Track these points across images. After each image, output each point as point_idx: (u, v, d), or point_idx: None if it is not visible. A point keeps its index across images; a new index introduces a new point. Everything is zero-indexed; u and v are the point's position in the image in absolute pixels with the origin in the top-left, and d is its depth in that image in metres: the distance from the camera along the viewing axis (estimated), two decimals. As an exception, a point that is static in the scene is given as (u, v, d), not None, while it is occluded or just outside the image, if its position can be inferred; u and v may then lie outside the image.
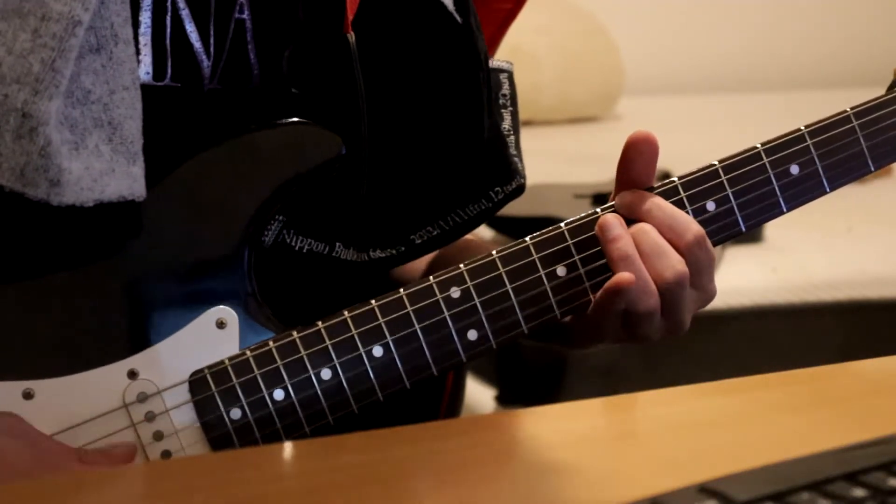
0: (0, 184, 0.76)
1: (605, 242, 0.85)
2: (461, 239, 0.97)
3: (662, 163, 0.94)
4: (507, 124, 1.00)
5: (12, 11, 0.76)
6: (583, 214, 0.88)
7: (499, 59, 1.02)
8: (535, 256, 0.86)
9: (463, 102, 0.94)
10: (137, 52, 0.83)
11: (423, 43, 0.93)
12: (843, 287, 1.95)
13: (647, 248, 0.85)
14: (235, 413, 0.82)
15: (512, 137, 1.01)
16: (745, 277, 1.95)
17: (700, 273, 0.87)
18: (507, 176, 0.97)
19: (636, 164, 0.88)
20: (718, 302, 1.87)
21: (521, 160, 1.01)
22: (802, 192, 0.90)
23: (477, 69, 0.95)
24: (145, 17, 0.85)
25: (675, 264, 0.85)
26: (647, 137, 0.88)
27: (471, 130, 0.95)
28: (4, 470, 0.75)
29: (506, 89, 1.01)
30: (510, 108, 1.01)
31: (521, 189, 0.98)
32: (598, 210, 0.88)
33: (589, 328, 0.88)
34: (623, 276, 0.83)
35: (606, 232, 0.85)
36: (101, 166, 0.79)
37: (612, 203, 0.88)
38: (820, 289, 1.94)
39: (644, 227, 0.86)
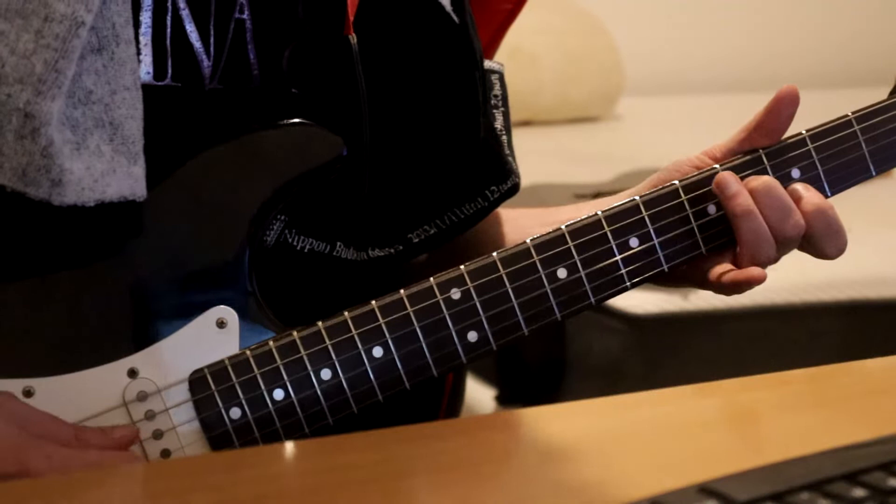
0: (2, 184, 0.76)
1: (725, 199, 0.87)
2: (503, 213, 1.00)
3: (662, 163, 0.94)
4: (499, 125, 1.01)
5: (15, 12, 0.77)
6: (584, 216, 0.88)
7: (490, 61, 1.02)
8: (536, 258, 0.86)
9: (460, 102, 0.94)
10: (138, 52, 0.83)
11: (421, 43, 0.93)
12: (843, 287, 1.94)
13: (771, 202, 0.87)
14: (235, 412, 0.82)
15: (504, 138, 1.01)
16: (745, 277, 1.94)
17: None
18: (503, 175, 0.97)
19: (780, 116, 0.90)
20: (718, 302, 1.88)
21: (514, 160, 1.01)
22: None
23: (473, 68, 0.95)
24: (146, 17, 0.85)
25: (798, 220, 0.87)
26: (795, 91, 0.90)
27: (467, 130, 0.95)
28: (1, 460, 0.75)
29: (497, 90, 1.02)
30: (502, 109, 1.02)
31: (515, 188, 0.99)
32: (600, 213, 0.87)
33: (700, 281, 0.91)
34: (756, 272, 0.87)
35: (725, 189, 0.87)
36: (103, 166, 0.79)
37: (734, 157, 0.90)
38: (820, 289, 1.93)
39: (771, 182, 0.87)
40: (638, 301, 1.80)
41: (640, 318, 1.81)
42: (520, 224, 1.05)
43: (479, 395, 1.93)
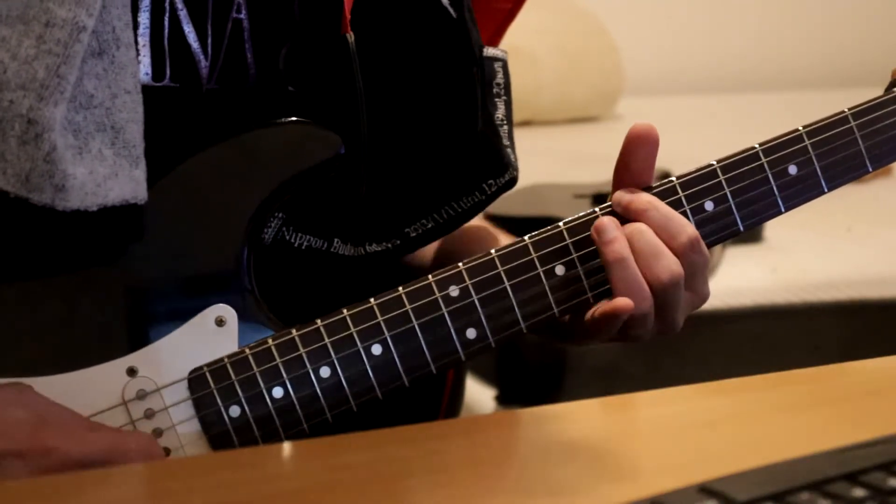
0: (5, 189, 0.76)
1: (601, 244, 0.85)
2: (475, 227, 0.98)
3: (662, 162, 0.94)
4: (500, 114, 1.00)
5: (16, 18, 0.76)
6: (581, 214, 0.88)
7: (493, 48, 1.02)
8: (534, 255, 0.86)
9: (457, 97, 0.94)
10: (137, 54, 0.83)
11: (418, 38, 0.93)
12: (843, 287, 1.95)
13: (643, 247, 0.85)
14: (234, 411, 0.82)
15: (505, 128, 1.01)
16: (745, 277, 1.95)
17: (694, 275, 0.87)
18: (500, 168, 0.97)
19: (635, 157, 0.87)
20: (718, 302, 1.88)
21: (513, 151, 1.01)
22: (800, 191, 0.90)
23: (471, 63, 0.95)
24: (144, 18, 0.85)
25: (670, 265, 0.85)
26: (648, 131, 0.87)
27: (465, 124, 0.95)
28: (15, 439, 0.75)
29: (500, 78, 1.01)
30: (504, 98, 1.01)
31: (513, 181, 0.99)
32: (597, 210, 0.88)
33: (584, 328, 0.88)
34: (622, 301, 0.83)
35: (602, 234, 0.85)
36: (105, 171, 0.79)
37: (610, 202, 0.88)
38: (820, 289, 1.94)
39: (640, 227, 0.85)
40: (638, 301, 1.80)
41: (640, 318, 1.80)
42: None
43: (479, 395, 1.93)
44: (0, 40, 0.76)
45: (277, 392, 0.82)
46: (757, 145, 0.90)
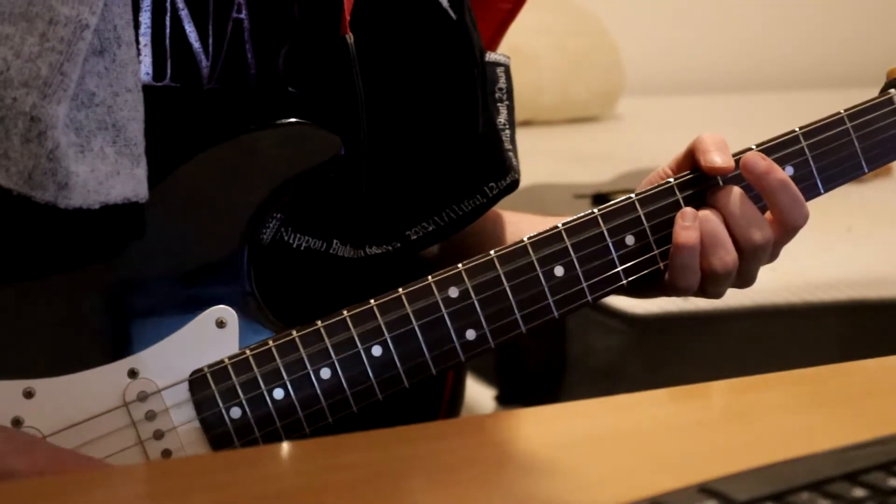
0: (8, 188, 0.76)
1: (677, 227, 0.87)
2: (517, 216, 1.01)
3: (661, 163, 0.94)
4: (502, 118, 1.00)
5: (19, 15, 0.77)
6: (580, 214, 0.88)
7: (495, 53, 1.02)
8: (533, 256, 0.86)
9: (458, 99, 0.94)
10: (138, 53, 0.83)
11: (419, 40, 0.93)
12: (843, 287, 1.94)
13: (742, 211, 0.88)
14: (235, 412, 0.82)
15: (507, 132, 1.01)
16: (745, 277, 1.94)
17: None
18: (502, 171, 0.98)
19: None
20: (718, 302, 1.87)
21: (515, 155, 1.01)
22: None
23: (472, 65, 0.95)
24: (145, 18, 0.85)
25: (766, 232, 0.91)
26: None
27: (465, 127, 0.95)
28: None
29: (502, 83, 1.01)
30: (506, 103, 1.01)
31: (515, 184, 0.99)
32: (595, 210, 0.88)
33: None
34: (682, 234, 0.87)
35: (682, 220, 0.87)
36: (107, 169, 0.79)
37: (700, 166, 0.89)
38: (820, 289, 1.93)
39: (738, 194, 0.88)
40: (638, 301, 1.80)
41: (640, 318, 1.81)
42: (519, 229, 1.05)
43: (479, 395, 1.93)
44: (3, 38, 0.76)
45: (278, 393, 0.82)
46: (754, 146, 0.90)
